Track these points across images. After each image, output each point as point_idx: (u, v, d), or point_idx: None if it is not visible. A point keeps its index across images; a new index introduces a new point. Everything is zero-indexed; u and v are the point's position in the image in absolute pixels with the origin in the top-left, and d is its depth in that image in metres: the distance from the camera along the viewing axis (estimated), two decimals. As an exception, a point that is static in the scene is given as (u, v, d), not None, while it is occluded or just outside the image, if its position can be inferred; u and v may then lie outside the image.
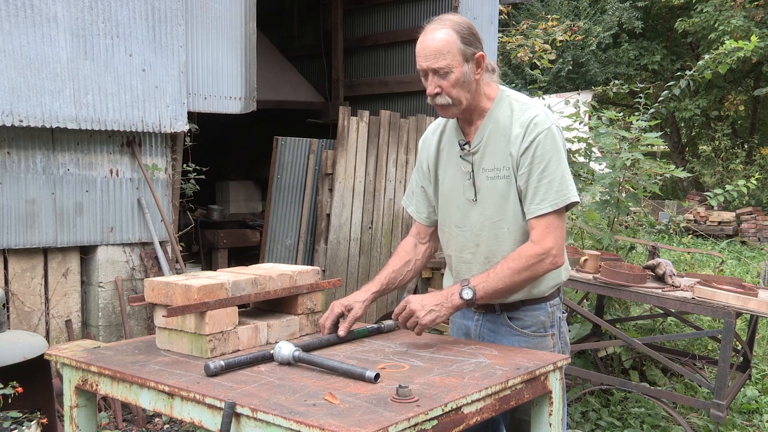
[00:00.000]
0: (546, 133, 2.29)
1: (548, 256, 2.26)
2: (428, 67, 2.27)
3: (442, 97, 2.29)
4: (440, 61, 2.24)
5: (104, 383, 2.12)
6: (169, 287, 2.19)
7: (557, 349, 2.47)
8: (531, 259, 2.25)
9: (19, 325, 4.52)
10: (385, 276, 2.56)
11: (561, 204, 2.28)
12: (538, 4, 18.05)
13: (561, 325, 2.51)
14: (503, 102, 2.39)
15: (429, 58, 2.26)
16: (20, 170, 4.48)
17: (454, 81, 2.27)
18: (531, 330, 2.43)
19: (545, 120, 2.32)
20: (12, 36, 4.29)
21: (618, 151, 4.96)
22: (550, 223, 2.28)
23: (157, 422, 4.44)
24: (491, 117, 2.38)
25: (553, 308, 2.47)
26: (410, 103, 8.00)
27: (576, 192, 2.34)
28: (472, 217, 2.42)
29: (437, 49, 2.24)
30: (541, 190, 2.28)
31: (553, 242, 2.26)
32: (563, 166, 2.31)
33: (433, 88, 2.28)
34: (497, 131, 2.36)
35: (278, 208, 6.20)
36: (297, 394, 1.79)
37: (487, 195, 2.38)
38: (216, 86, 5.28)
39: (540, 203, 2.28)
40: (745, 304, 3.69)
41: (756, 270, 9.00)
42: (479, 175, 2.39)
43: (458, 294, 2.25)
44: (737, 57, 5.80)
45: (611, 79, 11.28)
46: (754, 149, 21.24)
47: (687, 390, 4.90)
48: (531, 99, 2.47)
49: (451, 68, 2.25)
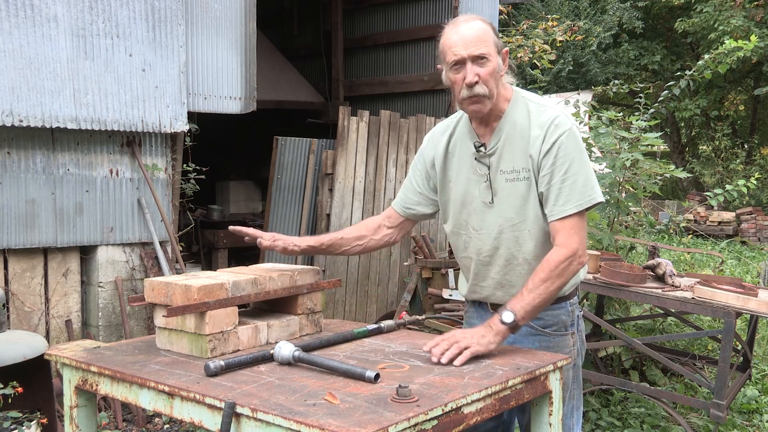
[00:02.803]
0: (567, 134, 2.27)
1: (576, 258, 2.24)
2: (469, 55, 2.23)
3: (481, 86, 2.25)
4: (481, 47, 2.23)
5: (104, 383, 2.12)
6: (169, 287, 2.19)
7: (576, 348, 2.47)
8: (561, 264, 2.22)
9: (19, 325, 4.52)
10: (329, 237, 2.58)
11: (586, 204, 2.26)
12: (538, 4, 18.05)
13: (579, 323, 2.51)
14: (519, 103, 2.36)
15: (470, 45, 2.23)
16: (20, 170, 4.48)
17: (492, 70, 2.25)
18: (552, 329, 2.42)
19: (566, 121, 2.30)
20: (12, 36, 4.30)
21: (618, 151, 4.96)
22: (574, 225, 2.25)
23: (157, 422, 4.44)
24: (508, 118, 2.35)
25: (572, 307, 2.46)
26: (410, 103, 8.00)
27: (600, 191, 2.32)
28: (489, 220, 2.38)
29: (478, 36, 2.23)
30: (564, 192, 2.25)
31: (578, 243, 2.25)
32: (586, 166, 2.29)
33: (473, 76, 2.24)
34: (514, 132, 2.33)
35: (278, 208, 6.20)
36: (297, 394, 1.79)
37: (505, 197, 2.35)
38: (216, 86, 5.28)
39: (564, 204, 2.25)
40: (745, 304, 3.69)
41: (756, 270, 9.00)
42: (497, 177, 2.36)
43: (499, 320, 2.18)
44: (737, 57, 5.79)
45: (611, 79, 11.28)
46: (754, 149, 21.24)
47: (687, 390, 4.90)
48: (546, 100, 2.44)
49: (489, 56, 2.24)
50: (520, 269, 2.37)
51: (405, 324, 2.53)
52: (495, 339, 2.15)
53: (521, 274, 2.37)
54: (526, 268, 2.36)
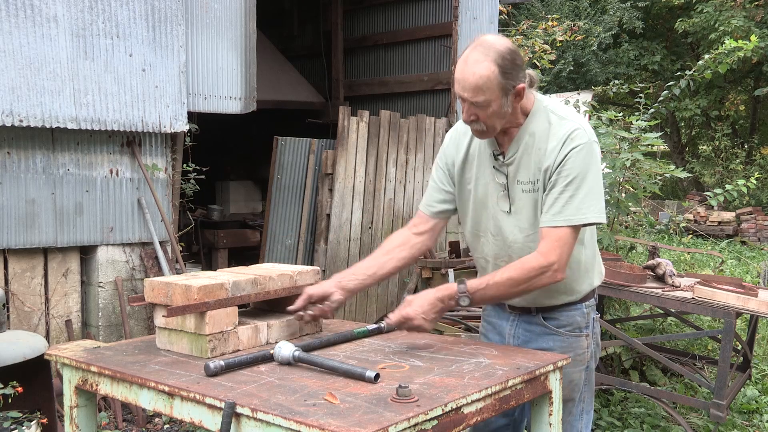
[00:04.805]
0: (580, 148, 2.24)
1: (549, 270, 2.21)
2: (466, 98, 2.23)
3: (479, 124, 2.26)
4: (479, 96, 2.20)
5: (104, 383, 2.12)
6: (169, 287, 2.19)
7: (590, 350, 2.47)
8: (533, 271, 2.21)
9: (19, 325, 4.52)
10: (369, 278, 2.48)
11: (576, 222, 2.22)
12: (538, 4, 18.04)
13: (594, 326, 2.50)
14: (540, 114, 2.33)
15: (467, 90, 2.21)
16: (20, 170, 4.48)
17: (491, 113, 2.23)
18: (567, 330, 2.43)
19: (582, 135, 2.26)
20: (12, 36, 4.30)
21: (618, 152, 4.96)
22: (560, 238, 2.22)
23: (157, 422, 4.44)
24: (527, 129, 2.33)
25: (588, 309, 2.47)
26: (410, 103, 8.00)
27: (601, 212, 2.26)
28: (506, 228, 2.39)
29: (477, 85, 2.19)
30: (559, 203, 2.23)
31: (557, 257, 2.21)
32: (592, 184, 2.24)
33: (469, 116, 2.25)
34: (533, 144, 2.32)
35: (278, 208, 6.19)
36: (297, 394, 1.79)
37: (521, 207, 2.35)
38: (216, 86, 5.28)
39: (555, 215, 2.23)
40: (745, 304, 3.69)
41: (756, 270, 9.00)
42: (514, 188, 2.35)
43: (456, 301, 2.26)
44: (737, 57, 5.79)
45: (611, 79, 11.28)
46: (754, 149, 21.24)
47: (687, 390, 4.90)
48: (570, 110, 2.40)
49: (489, 102, 2.21)
50: None
51: (405, 324, 2.52)
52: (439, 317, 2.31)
53: None
54: None
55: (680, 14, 18.84)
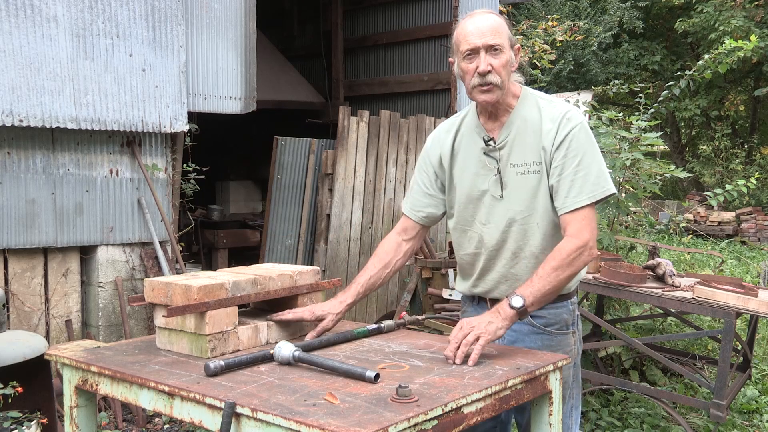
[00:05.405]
0: (579, 128, 2.31)
1: (586, 249, 2.25)
2: (484, 44, 2.28)
3: (494, 75, 2.29)
4: (496, 38, 2.28)
5: (104, 383, 2.12)
6: (169, 287, 2.19)
7: (576, 347, 2.48)
8: (572, 253, 2.23)
9: (19, 325, 4.52)
10: (362, 285, 2.51)
11: (599, 196, 2.28)
12: (538, 4, 18.03)
13: (578, 322, 2.53)
14: (528, 99, 2.41)
15: (485, 35, 2.28)
16: (20, 170, 4.48)
17: (504, 62, 2.31)
18: (554, 328, 2.43)
19: (577, 115, 2.34)
20: (12, 36, 4.30)
21: (618, 151, 4.96)
22: (585, 216, 2.27)
23: (157, 422, 4.44)
24: (518, 114, 2.39)
25: (573, 306, 2.48)
26: (410, 103, 8.00)
27: (612, 184, 2.33)
28: (497, 213, 2.40)
29: (494, 28, 2.30)
30: (577, 183, 2.27)
31: (589, 234, 2.26)
32: (598, 159, 2.32)
33: (486, 65, 2.29)
34: (525, 127, 2.37)
35: (278, 208, 6.20)
36: (297, 394, 1.79)
37: (515, 190, 2.37)
38: (216, 86, 5.28)
39: (577, 196, 2.27)
40: (745, 304, 3.69)
41: (756, 270, 9.00)
42: (507, 171, 2.38)
43: (507, 305, 2.18)
44: (737, 57, 5.79)
45: (611, 79, 11.28)
46: (754, 149, 21.24)
47: (687, 390, 4.90)
48: (555, 97, 2.49)
49: (503, 48, 2.30)
50: (526, 262, 2.39)
51: (405, 324, 2.53)
52: (503, 324, 2.16)
53: (527, 268, 2.38)
54: (532, 262, 2.37)
55: (680, 14, 18.84)
